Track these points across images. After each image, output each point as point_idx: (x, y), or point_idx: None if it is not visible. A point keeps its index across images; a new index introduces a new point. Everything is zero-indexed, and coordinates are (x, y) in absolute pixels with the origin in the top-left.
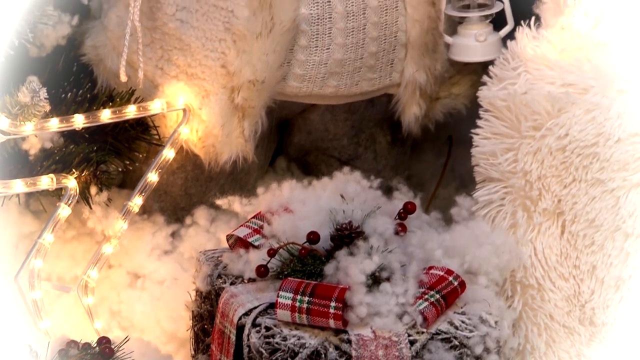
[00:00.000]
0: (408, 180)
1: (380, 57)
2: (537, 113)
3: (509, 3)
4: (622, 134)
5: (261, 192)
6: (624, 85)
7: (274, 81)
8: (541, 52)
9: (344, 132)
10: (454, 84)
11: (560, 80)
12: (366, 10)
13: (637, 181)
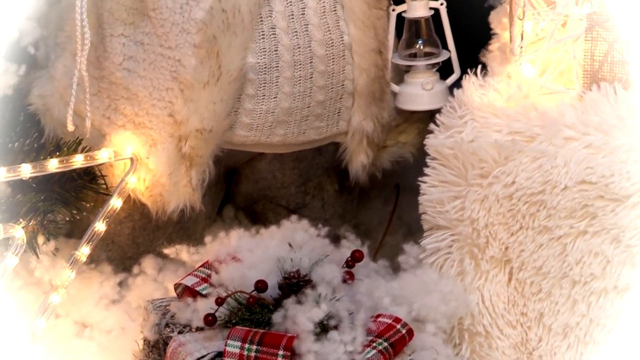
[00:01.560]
0: (356, 229)
1: (328, 105)
2: (484, 161)
3: (456, 52)
4: (568, 181)
5: (209, 241)
6: (570, 133)
7: (222, 130)
8: (488, 100)
9: (291, 180)
10: (401, 132)
11: (507, 128)
12: (313, 59)
13: (583, 228)
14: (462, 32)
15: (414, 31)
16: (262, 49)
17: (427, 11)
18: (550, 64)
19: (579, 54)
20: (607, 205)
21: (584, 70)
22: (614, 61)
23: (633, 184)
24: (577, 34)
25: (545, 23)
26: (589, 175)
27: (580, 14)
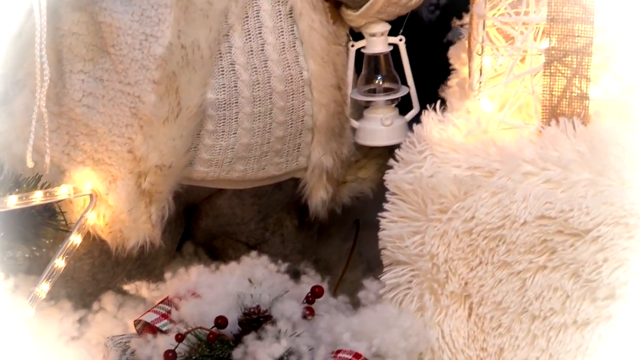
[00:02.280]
0: (315, 264)
1: (287, 141)
2: (444, 196)
3: (415, 87)
4: (528, 216)
5: (169, 277)
6: (529, 168)
7: (181, 166)
8: (447, 135)
9: (251, 216)
10: (361, 167)
11: (466, 163)
12: (273, 95)
13: (543, 263)
14: (421, 68)
15: (373, 67)
16: (221, 85)
17: (386, 47)
18: (509, 99)
19: (538, 89)
20: (567, 240)
21: (543, 106)
22: (573, 96)
23: (592, 218)
24: (535, 69)
25: (503, 58)
26: (548, 210)
27: (539, 49)
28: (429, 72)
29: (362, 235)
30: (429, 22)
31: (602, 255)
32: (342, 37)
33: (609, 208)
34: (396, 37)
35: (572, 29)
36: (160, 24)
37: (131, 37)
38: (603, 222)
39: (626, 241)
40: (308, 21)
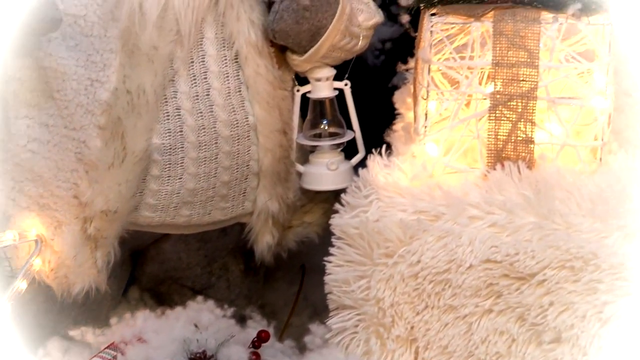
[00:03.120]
0: (261, 309)
1: (233, 186)
2: (390, 240)
3: (360, 131)
4: (473, 260)
5: (114, 322)
6: (474, 212)
7: (127, 211)
8: (393, 179)
9: (196, 261)
10: (307, 212)
11: (412, 208)
12: (218, 140)
13: (489, 307)
14: (367, 112)
15: (318, 111)
16: (167, 130)
17: (332, 91)
18: (454, 143)
19: (483, 133)
20: (512, 283)
21: (488, 150)
22: (518, 140)
23: (538, 262)
24: (480, 114)
25: (449, 103)
26: (493, 254)
27: (484, 94)
28: (374, 117)
29: (308, 279)
30: (374, 67)
31: (547, 299)
32: (288, 82)
33: (554, 252)
34: (341, 82)
35: (517, 73)
36: (105, 69)
37: (76, 83)
38: (549, 266)
39: (572, 285)
40: (253, 66)
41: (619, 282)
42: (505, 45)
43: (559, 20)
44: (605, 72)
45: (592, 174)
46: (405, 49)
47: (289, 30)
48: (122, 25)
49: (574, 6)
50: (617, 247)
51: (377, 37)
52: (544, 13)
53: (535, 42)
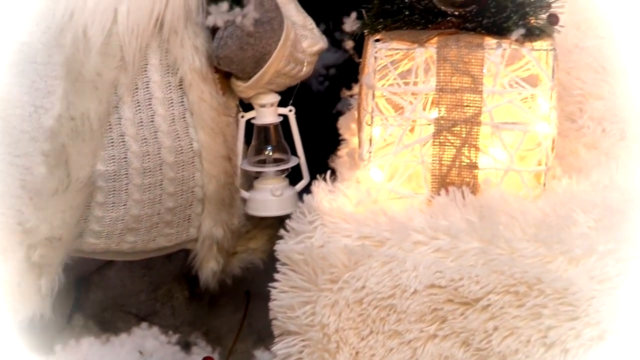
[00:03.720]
0: (206, 335)
1: (178, 212)
2: (334, 266)
3: (305, 157)
4: (418, 285)
5: (59, 350)
6: (419, 237)
7: (71, 238)
8: (337, 205)
9: (141, 288)
10: (251, 238)
11: (357, 233)
12: (163, 166)
13: (433, 332)
14: (311, 138)
15: (263, 137)
16: (111, 157)
17: (276, 117)
18: (398, 169)
19: (427, 159)
20: (457, 308)
21: (432, 175)
22: (462, 165)
23: (482, 287)
24: (424, 139)
25: (393, 128)
26: (438, 279)
27: (428, 119)
28: (318, 143)
29: (252, 305)
30: (319, 93)
31: (492, 324)
32: (232, 108)
33: (498, 277)
34: (286, 108)
35: (460, 98)
36: (49, 96)
37: (20, 109)
38: (493, 291)
39: (516, 309)
40: (198, 92)
41: (562, 306)
42: (449, 70)
43: (503, 46)
44: (549, 98)
45: (536, 199)
46: (350, 75)
47: (233, 57)
48: (66, 52)
49: (518, 32)
50: (560, 272)
51: (321, 63)
52: (487, 39)
53: (479, 68)
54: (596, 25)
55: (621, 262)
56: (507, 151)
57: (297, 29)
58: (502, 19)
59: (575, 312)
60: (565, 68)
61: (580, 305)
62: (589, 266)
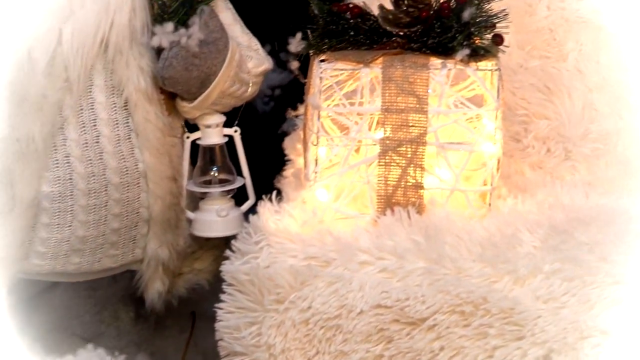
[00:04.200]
0: (152, 356)
1: (123, 233)
2: (280, 286)
3: (250, 178)
4: (364, 305)
5: None
6: (365, 257)
7: (16, 259)
8: (283, 225)
9: (86, 309)
10: (197, 259)
11: (303, 254)
12: (108, 187)
13: (380, 352)
14: (257, 159)
15: (208, 158)
16: (56, 178)
17: (222, 138)
18: (344, 189)
19: (373, 179)
20: (403, 328)
21: (378, 195)
22: (408, 185)
23: (428, 307)
24: (370, 159)
25: (339, 148)
26: (384, 299)
27: (374, 139)
28: (264, 163)
29: (198, 326)
30: (264, 113)
31: (438, 344)
32: (178, 129)
33: (444, 296)
34: (231, 129)
35: (406, 118)
36: None
37: None
38: (439, 311)
39: (462, 329)
40: (143, 113)
41: (508, 326)
42: (395, 91)
43: (448, 66)
44: (494, 118)
45: (481, 219)
46: (295, 95)
47: (179, 77)
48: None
49: (463, 52)
50: (506, 292)
51: (266, 83)
52: (432, 59)
53: (424, 88)
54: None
55: (566, 282)
56: (453, 171)
57: (243, 49)
58: (447, 39)
59: (521, 331)
60: (510, 88)
61: (526, 325)
62: (535, 286)
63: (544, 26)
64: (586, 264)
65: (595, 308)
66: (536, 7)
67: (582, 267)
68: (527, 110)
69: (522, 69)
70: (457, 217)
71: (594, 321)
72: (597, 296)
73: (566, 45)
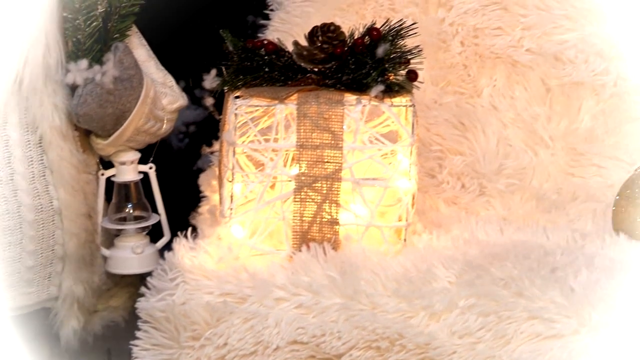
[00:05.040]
0: None
1: (38, 271)
2: (196, 323)
3: (166, 215)
4: (280, 342)
5: None
6: (280, 293)
7: None
8: (199, 262)
9: None
10: (112, 296)
11: (218, 290)
12: (23, 225)
13: None
14: (172, 195)
15: (123, 195)
16: None
17: (137, 175)
18: (260, 225)
19: (288, 215)
20: None
21: (294, 231)
22: (323, 222)
23: (344, 343)
24: (285, 195)
25: (254, 185)
26: (300, 336)
27: (289, 176)
28: (179, 200)
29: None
30: (179, 150)
31: None
32: (92, 166)
33: (360, 332)
34: (146, 165)
35: (321, 155)
36: None
37: None
38: (355, 347)
39: None
40: (57, 150)
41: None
42: (310, 127)
43: (362, 102)
44: (409, 154)
45: (397, 255)
46: (210, 131)
47: (93, 114)
48: None
49: (377, 88)
50: (422, 327)
51: (181, 120)
52: (347, 95)
53: (339, 124)
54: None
55: (482, 317)
56: (368, 207)
57: (157, 86)
58: (362, 76)
59: None
60: (425, 124)
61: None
62: (450, 321)
63: (458, 62)
64: (502, 299)
65: (511, 343)
66: (450, 43)
67: (497, 302)
68: (441, 146)
69: (436, 105)
70: (373, 252)
71: (509, 356)
72: (513, 331)
73: (480, 80)
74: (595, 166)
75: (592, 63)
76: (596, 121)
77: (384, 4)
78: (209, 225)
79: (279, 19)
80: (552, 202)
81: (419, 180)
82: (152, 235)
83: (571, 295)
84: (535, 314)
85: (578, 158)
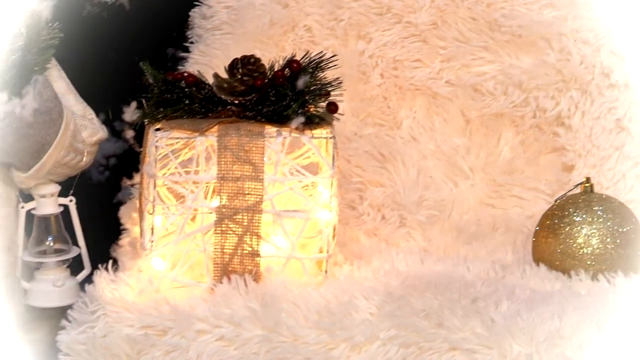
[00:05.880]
0: None
1: None
2: (117, 356)
3: (86, 247)
4: None
5: None
6: (202, 326)
7: None
8: (119, 294)
9: None
10: (32, 329)
11: (139, 322)
12: None
13: None
14: (92, 228)
15: (43, 228)
16: None
17: (57, 208)
18: (181, 258)
19: (209, 247)
20: None
21: (215, 263)
22: (244, 253)
23: None
24: (206, 227)
25: (175, 217)
26: None
27: (210, 208)
28: (100, 232)
29: None
30: (99, 183)
31: None
32: (12, 199)
33: None
34: (66, 198)
35: (242, 186)
36: None
37: None
38: None
39: None
40: None
41: None
42: (230, 159)
43: (283, 134)
44: (330, 185)
45: (318, 286)
46: (130, 164)
47: (9, 149)
48: None
49: (297, 120)
50: (343, 359)
51: (101, 152)
52: (268, 127)
53: (259, 156)
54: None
55: (403, 348)
56: (289, 239)
57: (77, 119)
58: (282, 107)
59: None
60: (345, 156)
61: None
62: (372, 353)
63: (377, 94)
64: (422, 330)
65: None
66: (370, 75)
67: (418, 333)
68: (362, 178)
69: (356, 137)
70: (294, 284)
71: None
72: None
73: (400, 112)
74: (515, 197)
75: (511, 95)
76: (515, 152)
77: (303, 36)
78: (129, 258)
79: (199, 52)
80: (472, 234)
81: (340, 211)
82: (73, 268)
83: (492, 326)
84: (456, 345)
85: (498, 189)
